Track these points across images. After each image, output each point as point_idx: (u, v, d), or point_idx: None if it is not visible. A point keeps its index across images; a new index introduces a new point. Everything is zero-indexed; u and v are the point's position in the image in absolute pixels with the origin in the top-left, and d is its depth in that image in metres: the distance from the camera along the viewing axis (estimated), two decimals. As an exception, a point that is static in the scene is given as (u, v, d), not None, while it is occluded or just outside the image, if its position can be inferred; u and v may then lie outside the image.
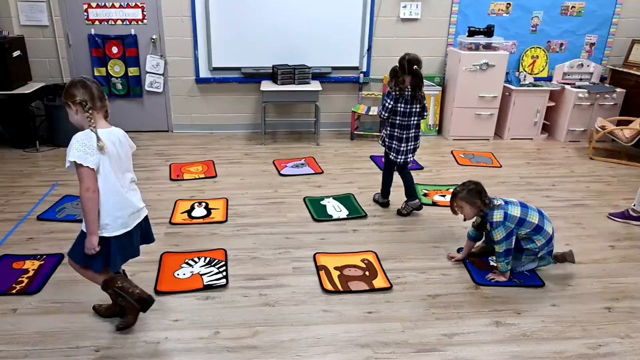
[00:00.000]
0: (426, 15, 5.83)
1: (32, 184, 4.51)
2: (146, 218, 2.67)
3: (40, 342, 2.55)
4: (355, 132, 5.95)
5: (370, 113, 5.80)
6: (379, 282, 3.09)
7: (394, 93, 3.73)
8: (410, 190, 3.99)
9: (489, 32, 5.59)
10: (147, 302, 2.59)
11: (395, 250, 3.49)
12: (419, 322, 2.74)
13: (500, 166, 5.14)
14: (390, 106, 3.76)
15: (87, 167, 2.25)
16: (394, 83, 3.71)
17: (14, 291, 2.95)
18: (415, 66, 3.62)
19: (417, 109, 3.78)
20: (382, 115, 3.85)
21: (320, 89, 5.59)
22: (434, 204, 4.22)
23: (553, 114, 6.04)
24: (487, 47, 5.63)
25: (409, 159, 3.92)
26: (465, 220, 3.20)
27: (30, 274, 3.12)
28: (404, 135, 3.82)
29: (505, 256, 3.04)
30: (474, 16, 5.85)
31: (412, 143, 3.88)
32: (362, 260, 3.33)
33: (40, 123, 5.62)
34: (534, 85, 5.82)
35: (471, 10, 5.85)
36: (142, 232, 2.65)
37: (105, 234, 2.38)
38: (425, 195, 4.37)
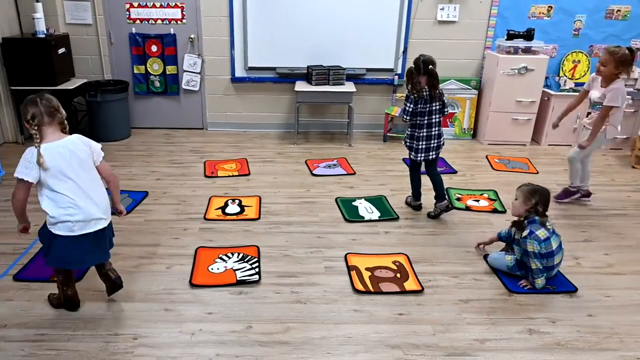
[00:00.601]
0: (464, 18, 5.78)
1: (72, 177, 4.66)
2: (104, 231, 2.64)
3: (81, 327, 2.64)
4: (388, 134, 5.94)
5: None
6: (410, 285, 3.09)
7: (412, 96, 3.78)
8: (439, 191, 3.98)
9: (528, 35, 5.50)
10: (73, 304, 2.76)
11: (427, 253, 3.47)
12: (450, 326, 2.73)
13: (537, 172, 5.06)
14: (410, 109, 3.81)
15: (27, 180, 2.45)
16: (410, 86, 3.78)
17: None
18: (430, 66, 3.68)
19: (437, 107, 3.83)
20: (404, 119, 3.91)
21: (354, 90, 5.60)
22: (467, 208, 4.18)
23: (593, 121, 5.89)
24: (527, 50, 5.53)
25: (430, 157, 3.94)
26: (513, 214, 3.20)
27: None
28: (426, 134, 3.87)
29: (541, 273, 3.00)
30: (513, 19, 5.76)
31: (435, 141, 3.92)
32: (394, 262, 3.33)
33: (82, 118, 5.80)
34: (575, 91, 5.68)
35: (511, 13, 5.76)
36: (100, 245, 2.65)
37: (53, 230, 2.54)
38: (458, 199, 4.34)
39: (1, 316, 2.72)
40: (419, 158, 3.94)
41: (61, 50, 5.41)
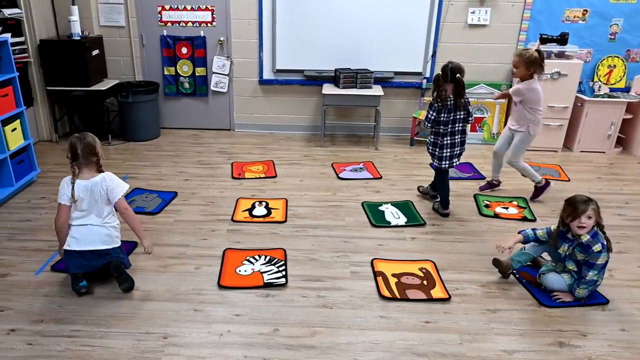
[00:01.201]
0: (495, 22, 5.71)
1: (104, 176, 4.76)
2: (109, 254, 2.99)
3: (113, 325, 2.71)
4: (415, 138, 5.91)
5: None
6: (437, 292, 3.07)
7: (436, 105, 3.81)
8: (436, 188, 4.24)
9: (562, 39, 5.40)
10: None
11: (454, 261, 3.45)
12: (477, 336, 2.70)
13: (569, 180, 4.96)
14: (433, 117, 3.86)
15: (63, 204, 2.94)
16: (435, 94, 3.80)
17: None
18: (457, 74, 3.69)
19: (461, 116, 3.85)
20: (426, 126, 3.96)
21: (382, 94, 5.59)
22: (496, 215, 4.13)
23: (629, 127, 5.75)
24: (560, 55, 5.44)
25: (454, 164, 3.99)
26: (580, 234, 2.98)
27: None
28: (449, 142, 3.91)
29: (588, 284, 2.93)
30: (546, 23, 5.66)
31: (459, 148, 3.97)
32: (420, 269, 3.32)
33: (114, 118, 5.92)
34: (610, 96, 5.57)
35: (544, 17, 5.66)
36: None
37: (65, 247, 2.96)
38: (486, 206, 4.29)
39: (38, 311, 2.81)
40: (443, 165, 3.97)
41: (95, 52, 5.54)
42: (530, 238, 3.20)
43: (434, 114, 3.83)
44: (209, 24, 5.83)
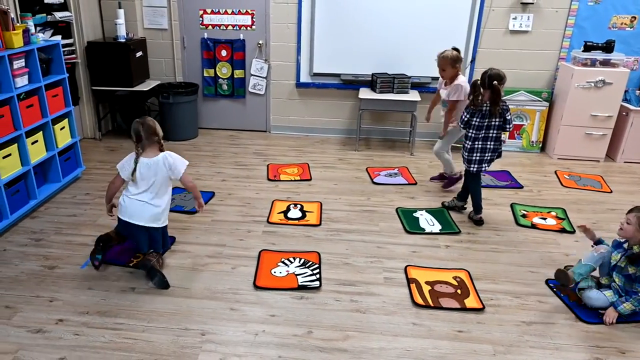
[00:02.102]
0: (537, 28, 5.62)
1: (145, 174, 4.91)
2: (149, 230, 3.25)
3: (154, 320, 2.81)
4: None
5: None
6: (470, 302, 3.06)
7: (470, 107, 3.84)
8: (466, 194, 4.28)
9: (608, 47, 5.27)
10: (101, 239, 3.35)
11: (489, 270, 3.43)
12: (511, 348, 2.69)
13: (611, 191, 4.83)
14: (466, 119, 3.90)
15: (121, 177, 3.25)
16: (472, 97, 3.82)
17: (131, 264, 3.34)
18: (495, 82, 3.68)
19: (496, 123, 3.84)
20: (460, 126, 4.04)
21: (419, 99, 5.58)
22: (533, 226, 4.07)
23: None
24: (605, 63, 5.29)
25: (482, 168, 4.01)
26: (620, 237, 3.00)
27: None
28: (479, 146, 3.93)
29: (638, 303, 2.87)
30: (592, 30, 5.54)
31: (489, 154, 3.96)
32: (454, 278, 3.31)
33: (154, 118, 6.06)
34: (657, 105, 5.41)
35: (589, 24, 5.54)
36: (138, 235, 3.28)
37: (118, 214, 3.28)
38: (523, 216, 4.23)
39: (84, 303, 2.94)
40: (471, 168, 4.00)
41: (139, 54, 5.71)
42: (603, 243, 3.13)
43: (467, 115, 3.87)
44: (248, 28, 5.94)
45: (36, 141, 4.14)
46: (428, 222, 4.09)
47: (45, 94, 4.21)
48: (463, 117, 3.90)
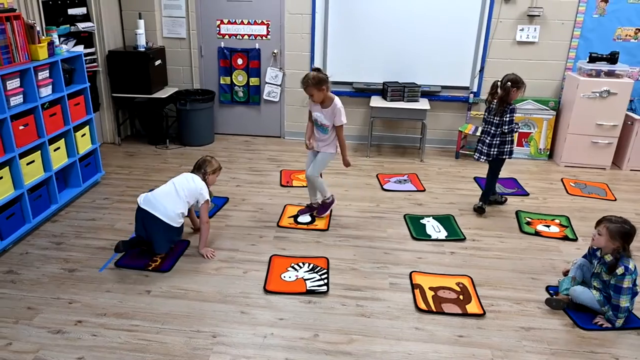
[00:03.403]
0: (544, 39, 5.72)
1: (162, 179, 5.00)
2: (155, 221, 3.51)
3: (168, 322, 2.97)
4: (460, 152, 5.97)
5: (478, 133, 5.79)
6: (472, 308, 3.18)
7: (486, 102, 4.38)
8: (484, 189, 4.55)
9: (612, 58, 5.35)
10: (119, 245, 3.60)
11: (491, 277, 3.53)
12: (509, 352, 2.80)
13: (615, 199, 4.90)
14: (484, 115, 4.44)
15: None
16: (488, 95, 4.33)
17: (149, 268, 3.51)
18: (509, 83, 4.08)
19: (496, 120, 4.24)
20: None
21: (428, 107, 5.70)
22: (537, 233, 4.17)
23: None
24: (610, 74, 5.38)
25: (476, 157, 4.45)
26: (593, 246, 3.21)
27: (163, 254, 3.65)
28: (480, 137, 4.44)
29: (625, 312, 2.98)
30: (597, 41, 5.63)
31: (485, 148, 4.34)
32: (457, 284, 3.43)
33: (172, 124, 6.29)
34: (661, 116, 5.47)
35: (594, 35, 5.63)
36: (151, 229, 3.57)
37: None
38: (528, 223, 4.33)
39: (101, 305, 3.11)
40: (474, 156, 4.50)
41: (157, 62, 5.91)
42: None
43: (485, 112, 4.42)
44: (264, 37, 6.12)
45: (58, 148, 4.34)
46: (434, 229, 4.20)
47: (68, 102, 4.40)
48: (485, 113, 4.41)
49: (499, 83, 4.17)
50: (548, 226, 4.29)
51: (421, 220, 4.34)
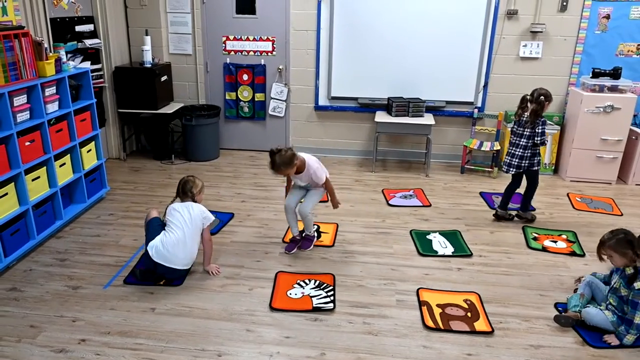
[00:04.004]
0: (547, 55, 5.75)
1: (167, 194, 5.04)
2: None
3: (173, 340, 2.94)
4: (465, 166, 5.96)
5: (483, 148, 5.79)
6: (480, 325, 3.14)
7: (515, 116, 4.43)
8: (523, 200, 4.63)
9: (615, 74, 5.37)
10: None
11: (499, 293, 3.50)
12: (519, 371, 2.76)
13: (621, 214, 4.87)
14: (511, 125, 4.55)
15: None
16: (517, 108, 4.40)
17: (161, 283, 3.50)
18: (541, 97, 4.23)
19: (527, 133, 4.31)
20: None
21: (433, 122, 5.71)
22: (544, 249, 4.14)
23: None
24: (613, 89, 5.38)
25: (504, 169, 4.55)
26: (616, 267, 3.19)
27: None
28: (510, 150, 4.49)
29: (637, 329, 2.93)
30: (600, 57, 5.66)
31: (515, 160, 4.42)
32: (465, 301, 3.39)
33: (177, 139, 6.31)
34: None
35: (597, 51, 5.67)
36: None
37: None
38: (535, 239, 4.30)
39: (105, 323, 3.08)
40: (503, 168, 4.58)
41: (164, 78, 5.95)
42: (601, 278, 3.30)
43: (511, 124, 4.56)
44: (269, 53, 6.16)
45: (64, 164, 4.34)
46: (441, 245, 4.17)
47: (74, 118, 4.42)
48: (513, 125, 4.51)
49: (529, 97, 4.29)
50: (555, 242, 4.26)
51: (427, 236, 4.32)
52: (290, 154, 3.61)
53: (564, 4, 5.56)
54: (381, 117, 5.84)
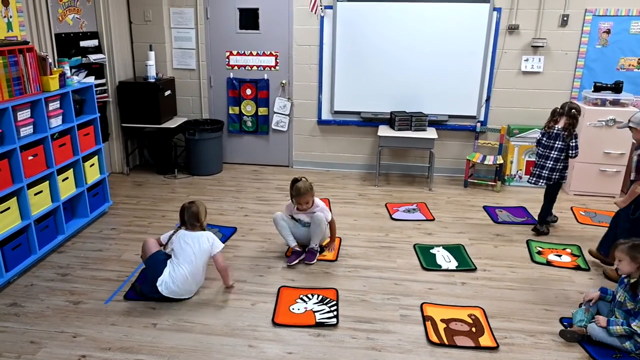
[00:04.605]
0: (548, 69, 5.78)
1: (170, 209, 5.07)
2: None
3: (174, 356, 2.91)
4: (468, 180, 5.94)
5: (486, 162, 5.78)
6: (485, 340, 3.10)
7: (545, 129, 4.52)
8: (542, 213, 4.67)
9: (617, 88, 5.38)
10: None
11: (503, 308, 3.46)
12: (525, 388, 2.72)
13: (626, 228, 4.85)
14: (538, 137, 4.64)
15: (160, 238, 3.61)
16: (548, 121, 4.50)
17: None
18: (573, 110, 4.34)
19: (559, 145, 4.40)
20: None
21: (435, 136, 5.71)
22: (549, 263, 4.10)
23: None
24: (615, 103, 5.39)
25: (532, 180, 4.62)
26: (620, 275, 3.17)
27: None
28: (539, 162, 4.57)
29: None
30: (601, 71, 5.69)
31: (546, 172, 4.49)
32: (469, 315, 3.36)
33: (180, 153, 6.32)
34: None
35: (598, 65, 5.69)
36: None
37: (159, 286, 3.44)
38: (539, 253, 4.27)
39: (106, 339, 3.05)
40: (530, 180, 4.67)
41: (167, 93, 5.98)
42: (609, 293, 3.23)
43: (539, 136, 4.59)
44: (272, 68, 6.19)
45: (67, 178, 4.34)
46: (445, 259, 4.14)
47: (77, 132, 4.43)
48: (538, 136, 4.60)
49: (559, 110, 4.41)
50: (559, 255, 4.22)
51: (431, 250, 4.29)
52: (310, 183, 4.02)
53: (565, 18, 5.60)
54: (384, 131, 5.85)
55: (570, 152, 4.38)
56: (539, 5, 5.60)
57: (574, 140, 4.36)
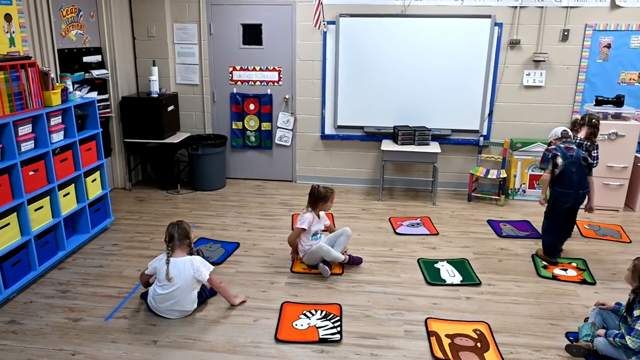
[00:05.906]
0: (550, 83, 5.79)
1: (172, 224, 5.05)
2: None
3: (175, 374, 2.87)
4: (472, 194, 5.91)
5: (489, 176, 5.76)
6: (490, 356, 3.05)
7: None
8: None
9: (618, 101, 5.39)
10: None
11: (509, 323, 3.41)
12: (532, 405, 2.66)
13: (630, 242, 4.80)
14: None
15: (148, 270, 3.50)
16: (571, 130, 4.37)
17: None
18: (594, 120, 4.36)
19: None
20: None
21: (439, 151, 5.69)
22: (554, 277, 4.06)
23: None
24: (617, 116, 5.40)
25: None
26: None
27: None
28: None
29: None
30: (602, 85, 5.71)
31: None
32: (474, 331, 3.31)
33: (183, 168, 6.32)
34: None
35: (599, 79, 5.72)
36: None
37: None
38: (544, 267, 4.22)
39: (106, 357, 3.00)
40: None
41: (170, 108, 6.00)
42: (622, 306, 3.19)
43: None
44: (275, 83, 6.22)
45: (68, 193, 4.32)
46: (449, 273, 4.10)
47: (79, 148, 4.42)
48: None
49: (580, 121, 4.44)
50: (565, 269, 4.18)
51: (435, 265, 4.25)
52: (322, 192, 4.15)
53: (565, 33, 5.62)
54: (387, 145, 5.84)
55: (594, 162, 4.37)
56: (539, 20, 5.63)
57: (596, 151, 4.40)
